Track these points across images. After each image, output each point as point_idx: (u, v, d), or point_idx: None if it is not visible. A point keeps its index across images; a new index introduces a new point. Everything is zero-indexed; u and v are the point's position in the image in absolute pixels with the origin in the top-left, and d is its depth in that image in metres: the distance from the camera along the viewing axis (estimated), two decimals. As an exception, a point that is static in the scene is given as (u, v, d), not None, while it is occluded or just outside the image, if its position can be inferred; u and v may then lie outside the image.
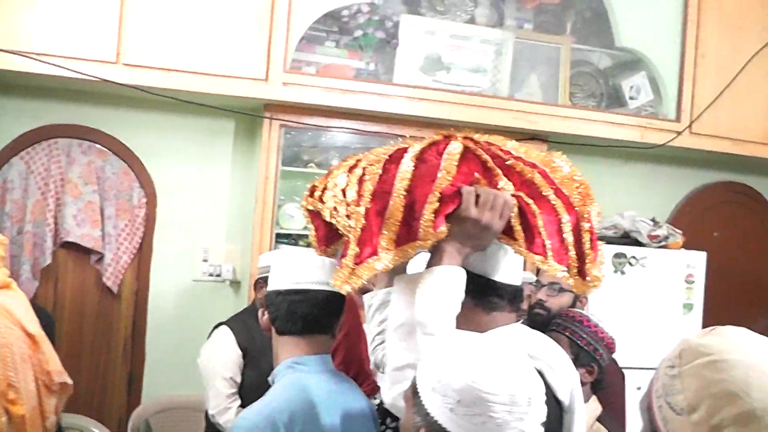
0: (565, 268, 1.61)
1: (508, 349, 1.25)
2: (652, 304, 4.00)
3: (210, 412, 3.10)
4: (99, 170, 3.80)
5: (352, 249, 1.57)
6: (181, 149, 3.98)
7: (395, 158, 1.63)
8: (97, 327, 3.87)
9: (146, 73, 3.44)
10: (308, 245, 4.10)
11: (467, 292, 1.63)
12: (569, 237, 1.61)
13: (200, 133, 4.00)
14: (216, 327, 3.29)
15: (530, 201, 1.61)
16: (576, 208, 1.64)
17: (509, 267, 1.75)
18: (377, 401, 1.97)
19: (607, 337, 2.41)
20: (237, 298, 4.06)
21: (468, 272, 1.59)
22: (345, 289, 1.56)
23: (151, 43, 3.44)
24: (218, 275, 4.05)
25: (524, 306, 2.07)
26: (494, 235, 1.59)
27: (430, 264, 1.58)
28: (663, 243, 4.12)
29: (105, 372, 3.91)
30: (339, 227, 1.66)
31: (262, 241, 3.71)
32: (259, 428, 1.61)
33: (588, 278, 1.61)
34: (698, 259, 4.14)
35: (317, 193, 1.78)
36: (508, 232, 1.61)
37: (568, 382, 1.68)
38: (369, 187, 1.61)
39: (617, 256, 4.00)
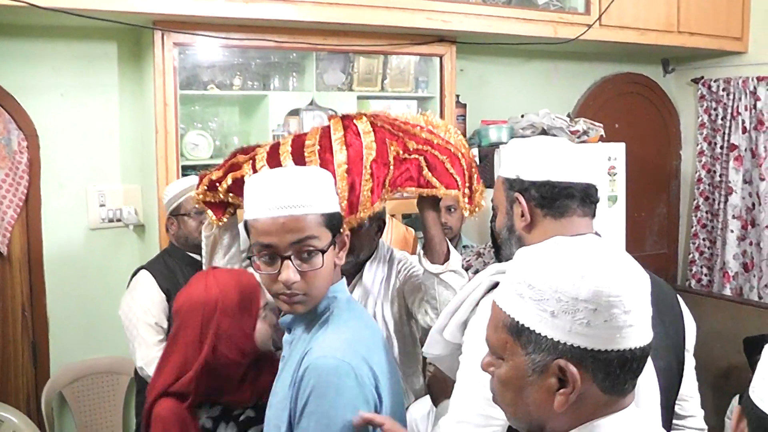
0: (466, 200, 2.12)
1: (593, 241, 1.11)
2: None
3: (138, 364, 2.77)
4: (-36, 114, 3.20)
5: None
6: (59, 81, 3.43)
7: (325, 147, 2.00)
8: (-14, 296, 3.36)
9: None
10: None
11: (534, 204, 1.60)
12: (467, 172, 2.11)
13: (79, 61, 3.47)
14: (135, 273, 2.96)
15: (436, 152, 2.07)
16: (462, 150, 2.13)
17: (571, 164, 1.61)
18: None
19: None
20: (143, 243, 3.64)
21: (529, 182, 1.61)
22: None
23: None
24: (118, 220, 3.60)
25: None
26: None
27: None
28: (584, 138, 4.06)
29: (3, 346, 3.40)
30: None
31: (168, 175, 3.28)
32: (353, 367, 1.48)
33: (475, 205, 2.15)
34: (618, 151, 4.12)
35: (224, 185, 2.06)
36: (425, 185, 2.07)
37: None
38: None
39: (543, 155, 3.89)
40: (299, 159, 2.00)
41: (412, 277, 2.40)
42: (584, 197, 1.60)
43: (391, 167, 2.10)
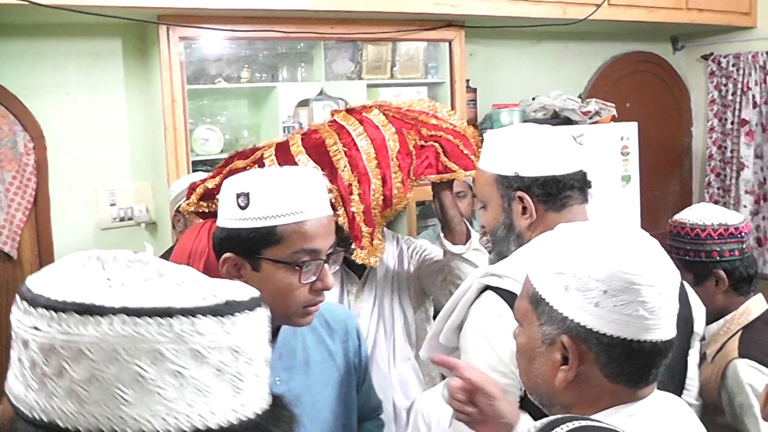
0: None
1: (631, 229, 1.12)
2: (594, 180, 3.89)
3: None
4: (-32, 116, 3.13)
5: (366, 230, 1.95)
6: (65, 80, 3.36)
7: (349, 144, 1.96)
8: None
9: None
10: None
11: (537, 200, 1.57)
12: (476, 152, 2.08)
13: (83, 59, 3.39)
14: None
15: (449, 136, 2.08)
16: (468, 131, 2.16)
17: (567, 154, 1.62)
18: None
19: (708, 228, 2.02)
20: (156, 240, 3.58)
21: (531, 179, 1.57)
22: (374, 263, 2.01)
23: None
24: (130, 218, 3.55)
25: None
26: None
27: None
28: (596, 118, 4.01)
29: (18, 350, 3.36)
30: None
31: (179, 171, 3.23)
32: None
33: None
34: (630, 130, 4.07)
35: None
36: (443, 171, 2.08)
37: None
38: (348, 175, 1.94)
39: (556, 137, 3.83)
40: (321, 158, 1.94)
41: (426, 261, 2.36)
42: (582, 185, 1.61)
43: (413, 157, 2.07)
